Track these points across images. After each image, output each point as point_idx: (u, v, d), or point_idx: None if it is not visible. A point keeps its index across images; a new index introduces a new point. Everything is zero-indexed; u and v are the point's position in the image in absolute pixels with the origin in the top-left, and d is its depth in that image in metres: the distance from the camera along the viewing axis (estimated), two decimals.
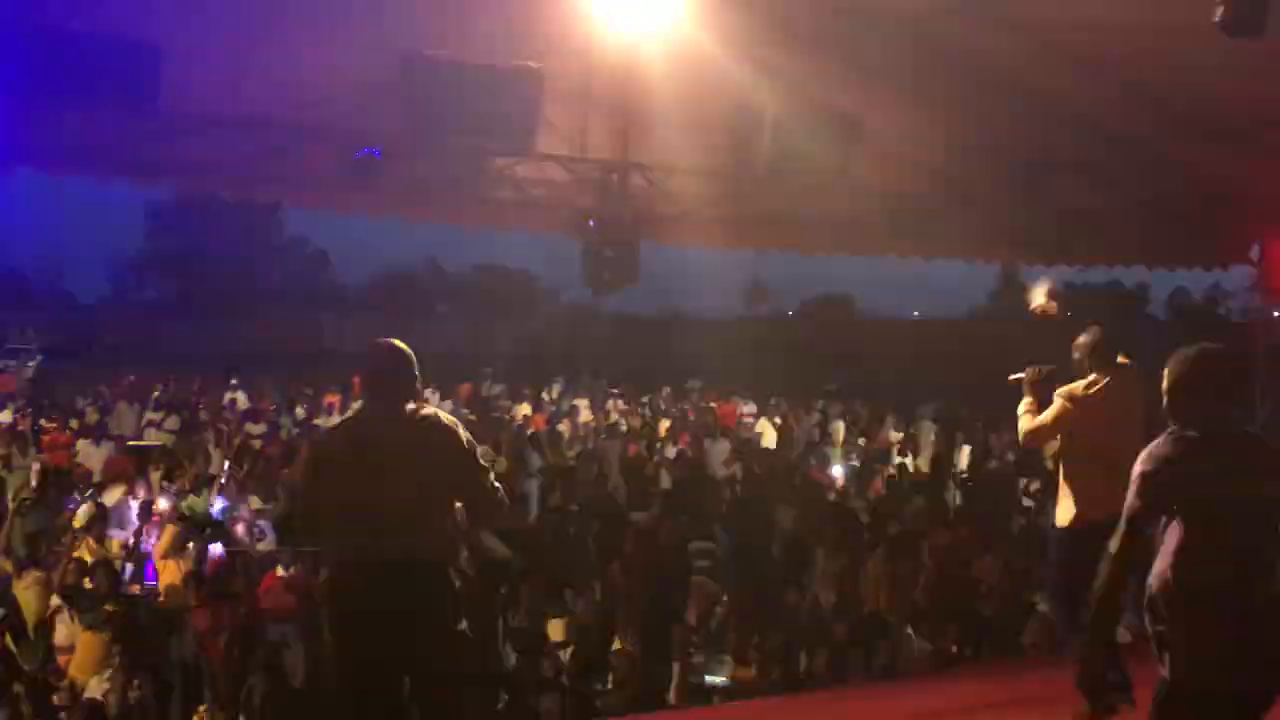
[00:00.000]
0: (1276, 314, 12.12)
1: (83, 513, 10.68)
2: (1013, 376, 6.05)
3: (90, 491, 11.40)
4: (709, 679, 7.95)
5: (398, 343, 4.48)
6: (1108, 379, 5.55)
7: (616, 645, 8.42)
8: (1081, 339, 5.76)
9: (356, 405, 17.46)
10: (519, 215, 10.07)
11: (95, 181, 8.73)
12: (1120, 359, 5.68)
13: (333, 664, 4.20)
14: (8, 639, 8.06)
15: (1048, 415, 5.68)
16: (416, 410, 4.34)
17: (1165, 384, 3.70)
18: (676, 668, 8.17)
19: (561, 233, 10.06)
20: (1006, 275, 53.19)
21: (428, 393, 21.89)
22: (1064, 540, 5.69)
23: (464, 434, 4.35)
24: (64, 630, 8.52)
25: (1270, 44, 7.09)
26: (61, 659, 8.33)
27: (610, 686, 7.91)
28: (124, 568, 9.58)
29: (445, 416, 4.41)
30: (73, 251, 44.98)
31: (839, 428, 18.30)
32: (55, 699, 7.64)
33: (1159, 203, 11.67)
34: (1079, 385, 5.61)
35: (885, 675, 8.57)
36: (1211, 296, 42.26)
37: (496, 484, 4.44)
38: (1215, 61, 8.26)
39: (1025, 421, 5.83)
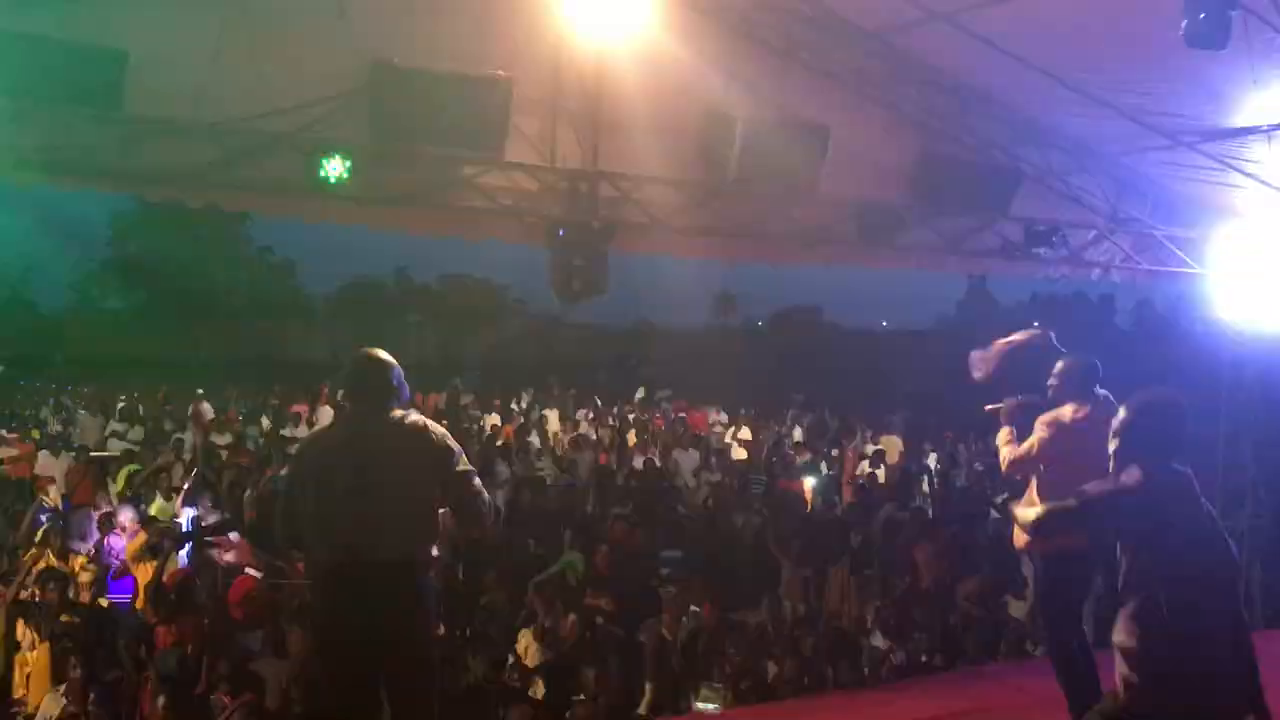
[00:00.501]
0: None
1: (42, 527, 10.54)
2: (989, 406, 6.03)
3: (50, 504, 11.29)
4: (700, 706, 7.91)
5: (381, 352, 4.59)
6: (1089, 408, 5.51)
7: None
8: (1060, 366, 5.73)
9: (327, 413, 17.37)
10: (488, 224, 10.01)
11: (59, 188, 8.57)
12: (1098, 390, 5.65)
13: (311, 664, 4.27)
14: None
15: (1032, 443, 5.62)
16: (403, 416, 4.43)
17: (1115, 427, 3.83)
18: (649, 684, 8.13)
19: (530, 242, 10.02)
20: (972, 285, 53.76)
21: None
22: (1049, 571, 5.68)
23: (449, 439, 4.45)
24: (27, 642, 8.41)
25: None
26: (23, 673, 8.23)
27: (580, 698, 7.87)
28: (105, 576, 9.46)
29: (430, 422, 4.49)
30: (35, 260, 44.30)
31: (808, 436, 18.38)
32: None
33: (1124, 213, 11.78)
34: (1065, 412, 5.57)
35: (855, 685, 8.58)
36: (1176, 307, 42.69)
37: (481, 488, 4.51)
38: (1176, 72, 8.37)
39: (1006, 451, 5.78)
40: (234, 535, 9.73)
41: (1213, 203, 11.40)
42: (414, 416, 4.49)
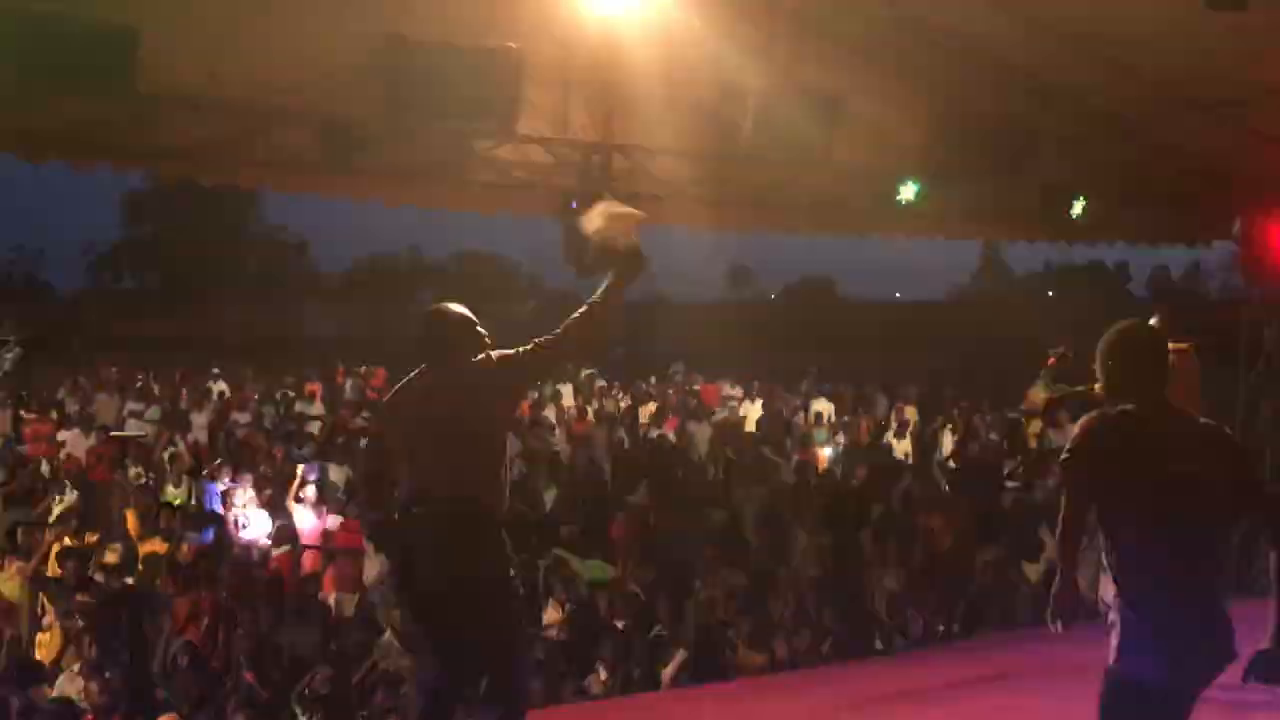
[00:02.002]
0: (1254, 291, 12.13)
1: (60, 505, 10.62)
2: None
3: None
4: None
5: (450, 305, 4.66)
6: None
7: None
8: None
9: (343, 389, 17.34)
10: (501, 198, 9.99)
11: (72, 167, 8.57)
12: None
13: (400, 612, 4.47)
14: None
15: None
16: (475, 361, 4.49)
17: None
18: (680, 651, 8.15)
19: (544, 215, 9.99)
20: (986, 255, 53.50)
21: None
22: None
23: (511, 353, 4.50)
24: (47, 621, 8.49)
25: (1254, 16, 7.09)
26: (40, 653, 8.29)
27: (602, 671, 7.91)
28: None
29: (498, 354, 4.52)
30: (50, 242, 44.53)
31: (825, 408, 18.34)
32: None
33: (1142, 179, 11.67)
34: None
35: (875, 654, 8.60)
36: (1192, 275, 42.51)
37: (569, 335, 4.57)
38: (1200, 35, 8.25)
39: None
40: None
41: (1236, 169, 11.28)
42: (483, 358, 4.51)
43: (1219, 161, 11.44)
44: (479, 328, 4.60)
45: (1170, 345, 5.71)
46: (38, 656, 8.22)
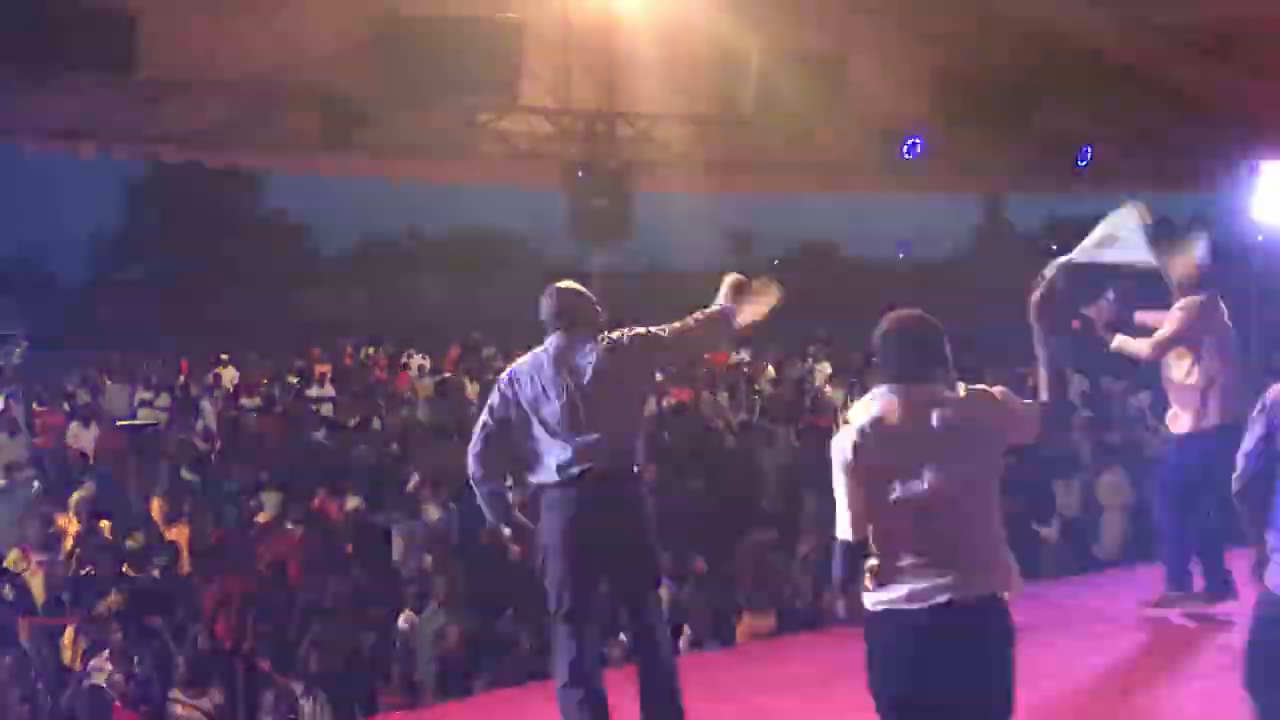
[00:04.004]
0: (1261, 238, 12.07)
1: (76, 496, 10.63)
2: (1075, 321, 6.14)
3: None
4: None
5: (572, 283, 4.89)
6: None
7: None
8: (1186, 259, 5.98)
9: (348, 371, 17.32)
10: (506, 170, 9.98)
11: (77, 155, 8.56)
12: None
13: (547, 573, 4.60)
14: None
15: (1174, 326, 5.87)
16: (605, 338, 4.68)
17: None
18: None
19: (549, 185, 9.97)
20: (989, 210, 53.29)
21: (416, 358, 21.93)
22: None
23: (633, 333, 4.71)
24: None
25: None
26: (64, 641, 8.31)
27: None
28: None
29: (622, 334, 4.70)
30: (53, 234, 44.44)
31: (828, 372, 18.35)
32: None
33: (1144, 128, 11.61)
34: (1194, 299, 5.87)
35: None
36: (1196, 223, 42.33)
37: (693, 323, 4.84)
38: None
39: (1143, 343, 5.97)
40: None
41: (1240, 113, 11.22)
42: (613, 335, 4.71)
43: (1222, 107, 11.38)
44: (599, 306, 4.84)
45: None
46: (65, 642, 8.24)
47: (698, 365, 19.23)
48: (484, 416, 4.78)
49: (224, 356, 20.66)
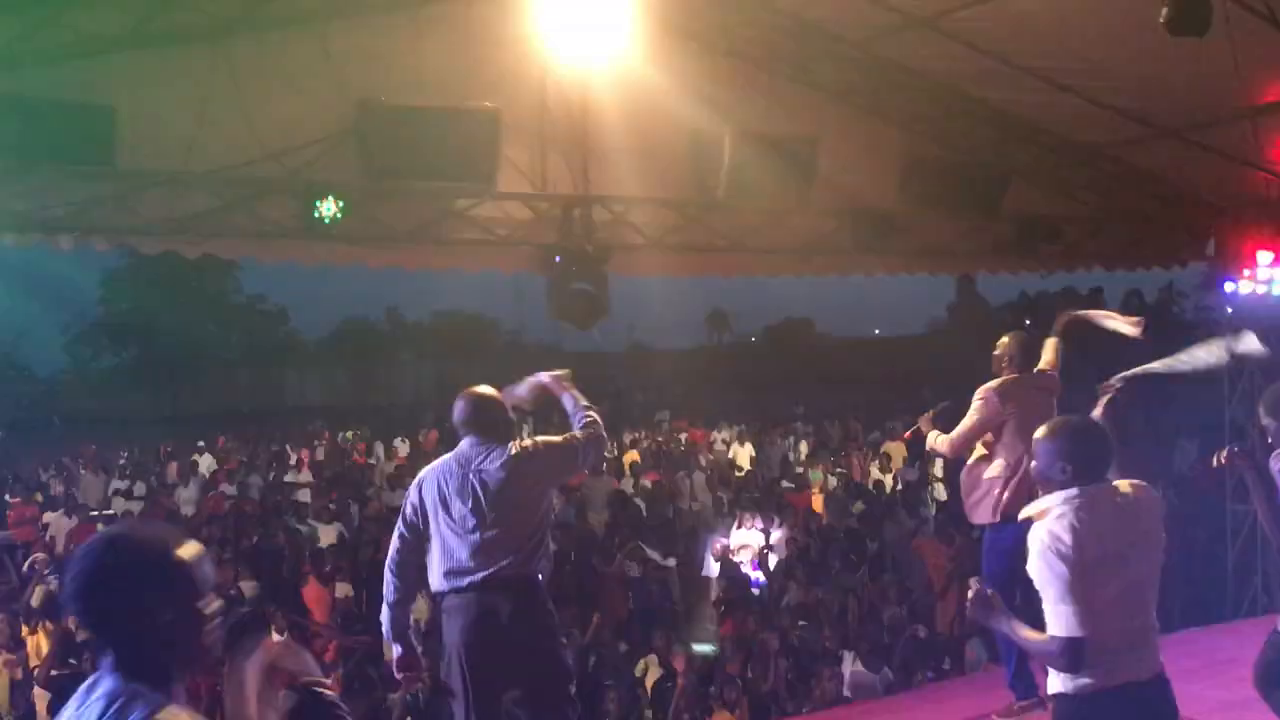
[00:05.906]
0: (1229, 310, 12.21)
1: (39, 592, 10.47)
2: (907, 433, 6.39)
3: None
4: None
5: (485, 388, 5.00)
6: (1017, 374, 6.10)
7: None
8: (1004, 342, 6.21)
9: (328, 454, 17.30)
10: (485, 256, 10.06)
11: (54, 248, 8.57)
12: (1040, 367, 6.20)
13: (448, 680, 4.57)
14: None
15: (972, 418, 6.05)
16: (511, 444, 4.80)
17: None
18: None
19: (528, 270, 10.05)
20: (961, 287, 53.85)
21: (395, 442, 21.85)
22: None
23: (547, 440, 4.87)
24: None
25: (1214, 42, 7.24)
26: None
27: None
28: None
29: (533, 441, 4.87)
30: (27, 325, 44.17)
31: (812, 449, 18.37)
32: None
33: (1112, 207, 11.82)
34: (991, 384, 6.08)
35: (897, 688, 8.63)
36: (1165, 297, 42.84)
37: (588, 434, 4.93)
38: (1164, 60, 8.41)
39: (943, 440, 6.19)
40: None
41: (1206, 190, 11.46)
42: (522, 442, 4.84)
43: (1188, 185, 11.62)
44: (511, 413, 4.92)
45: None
46: None
47: (677, 444, 19.26)
48: (398, 528, 4.79)
49: (200, 444, 20.56)
